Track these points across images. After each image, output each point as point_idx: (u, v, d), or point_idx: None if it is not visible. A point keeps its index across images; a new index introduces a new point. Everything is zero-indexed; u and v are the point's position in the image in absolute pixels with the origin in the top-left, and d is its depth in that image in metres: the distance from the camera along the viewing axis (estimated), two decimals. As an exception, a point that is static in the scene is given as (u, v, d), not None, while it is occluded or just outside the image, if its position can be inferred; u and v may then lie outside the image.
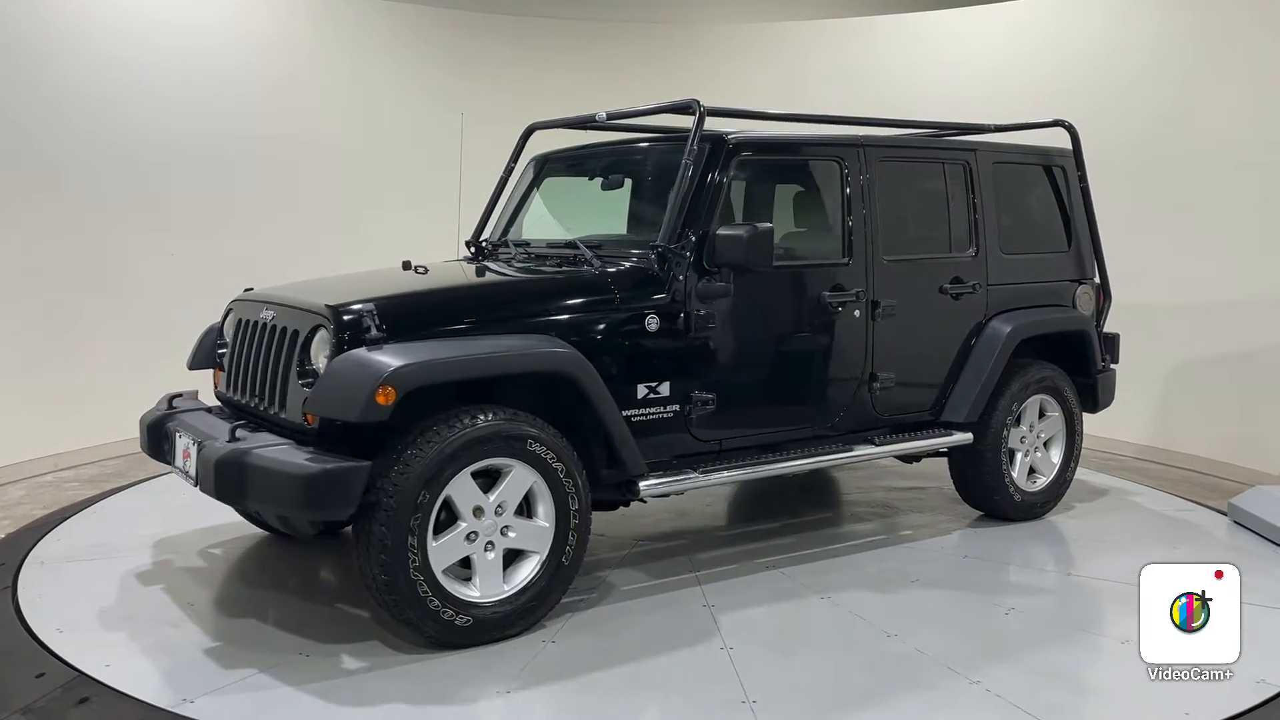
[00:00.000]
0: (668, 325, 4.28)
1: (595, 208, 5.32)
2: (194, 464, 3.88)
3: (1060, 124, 5.72)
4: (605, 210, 5.26)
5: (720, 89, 7.67)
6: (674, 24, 9.30)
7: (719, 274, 4.36)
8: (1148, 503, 6.03)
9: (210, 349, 4.62)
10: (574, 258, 4.56)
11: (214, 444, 3.77)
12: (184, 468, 4.06)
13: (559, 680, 3.56)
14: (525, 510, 3.93)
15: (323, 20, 8.19)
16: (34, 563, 4.64)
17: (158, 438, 4.30)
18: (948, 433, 5.21)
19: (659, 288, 4.29)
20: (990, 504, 5.47)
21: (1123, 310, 6.10)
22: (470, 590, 3.79)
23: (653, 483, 4.24)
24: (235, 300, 4.58)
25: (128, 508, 5.63)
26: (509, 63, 8.72)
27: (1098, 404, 5.84)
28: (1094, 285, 5.87)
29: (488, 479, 3.83)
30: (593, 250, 4.53)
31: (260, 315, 4.23)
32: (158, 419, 4.34)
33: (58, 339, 6.70)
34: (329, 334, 3.77)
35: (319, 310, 3.85)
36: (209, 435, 3.93)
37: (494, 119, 6.87)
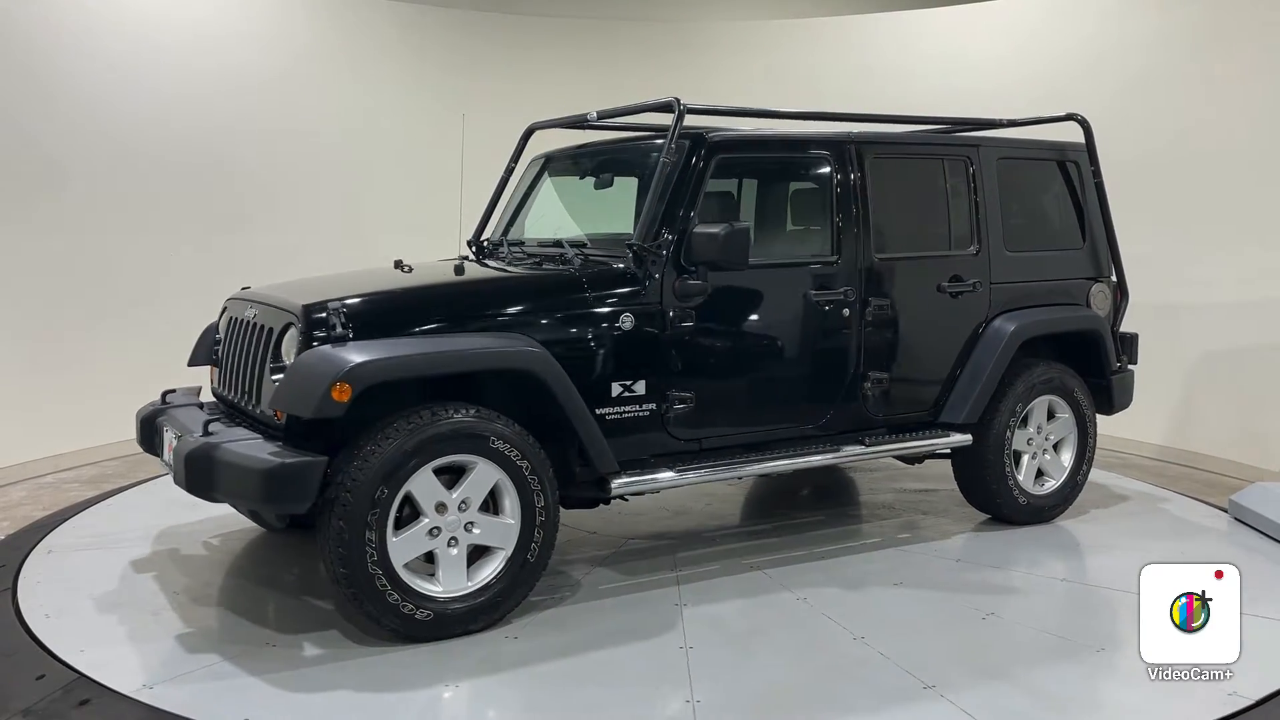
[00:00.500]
0: (643, 324, 4.28)
1: (595, 207, 5.33)
2: (172, 457, 4.00)
3: (1073, 118, 5.56)
4: (605, 209, 5.27)
5: (722, 87, 7.67)
6: (677, 22, 9.29)
7: (696, 272, 4.35)
8: (1149, 500, 5.95)
9: (209, 346, 4.75)
10: (559, 257, 4.60)
11: (188, 438, 3.89)
12: (168, 460, 4.19)
13: (509, 675, 3.59)
14: (493, 507, 3.97)
15: (323, 19, 8.22)
16: (35, 554, 4.78)
17: (150, 432, 4.45)
18: (946, 434, 5.12)
19: (634, 286, 4.30)
20: (994, 507, 5.35)
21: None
22: (432, 585, 3.84)
23: (624, 481, 4.25)
24: (230, 298, 4.70)
25: (129, 503, 5.73)
26: (509, 62, 8.73)
27: (1113, 406, 5.66)
28: (1110, 283, 5.70)
29: (456, 475, 3.88)
30: (579, 249, 4.57)
31: (246, 313, 4.35)
32: (150, 413, 4.48)
33: (58, 339, 6.72)
34: (297, 331, 3.86)
35: (291, 308, 3.95)
36: (190, 430, 4.05)
37: (494, 118, 6.91)
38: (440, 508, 3.83)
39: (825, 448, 4.82)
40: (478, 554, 3.97)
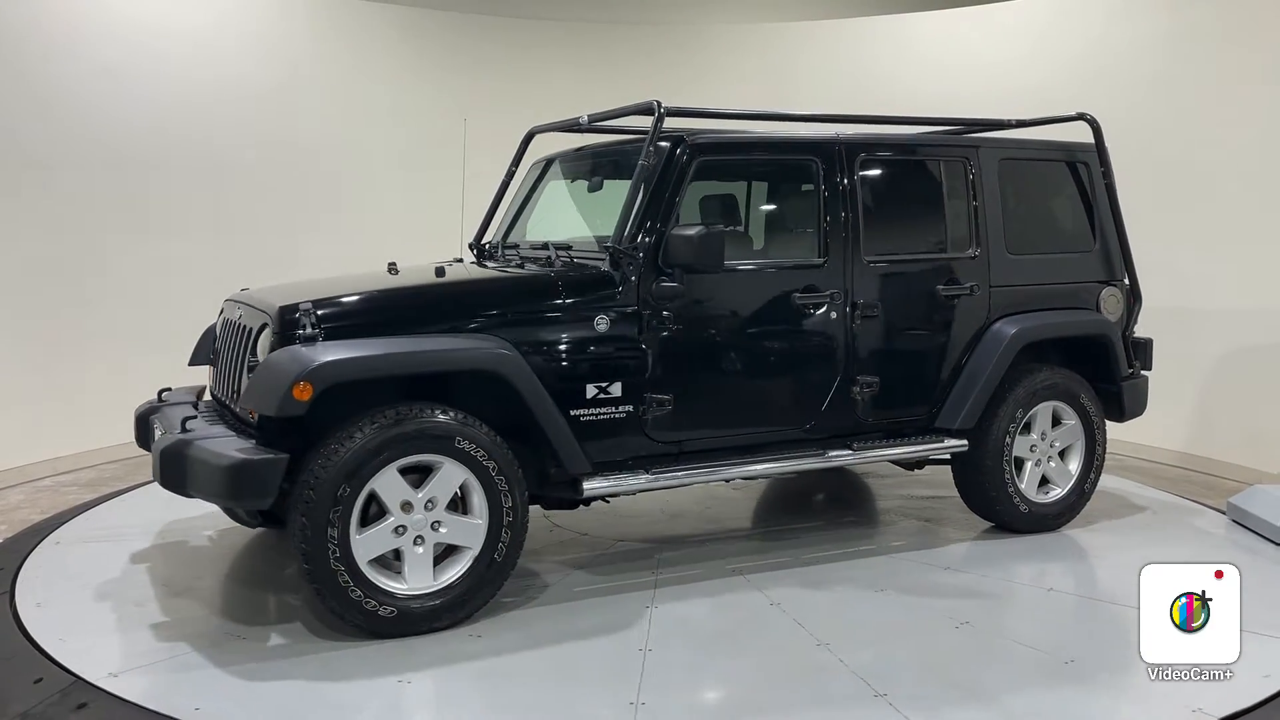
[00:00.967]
0: (619, 326, 4.29)
1: (592, 209, 5.36)
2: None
3: (1082, 117, 5.42)
4: (601, 212, 5.28)
5: (723, 90, 7.65)
6: (676, 25, 9.25)
7: (673, 275, 4.35)
8: (1147, 504, 5.89)
9: (208, 347, 4.88)
10: (545, 259, 4.64)
11: (167, 435, 4.00)
12: (155, 457, 4.31)
13: (461, 672, 3.63)
14: (463, 507, 4.02)
15: (322, 23, 8.20)
16: (33, 557, 4.82)
17: (144, 429, 4.58)
18: (941, 440, 5.03)
19: (610, 288, 4.31)
20: (994, 514, 5.24)
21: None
22: (397, 582, 3.89)
23: (597, 482, 4.26)
24: (227, 299, 4.82)
25: (127, 504, 5.77)
26: (509, 65, 8.72)
27: (1125, 413, 5.50)
28: (1123, 287, 5.55)
29: (425, 475, 3.93)
30: (564, 251, 4.60)
31: (235, 314, 4.46)
32: (144, 411, 4.62)
33: (57, 343, 6.72)
34: (270, 331, 3.95)
35: (268, 309, 4.04)
36: (173, 427, 4.16)
37: (496, 122, 6.93)
38: (406, 506, 3.88)
39: (811, 452, 4.78)
40: (449, 553, 4.02)
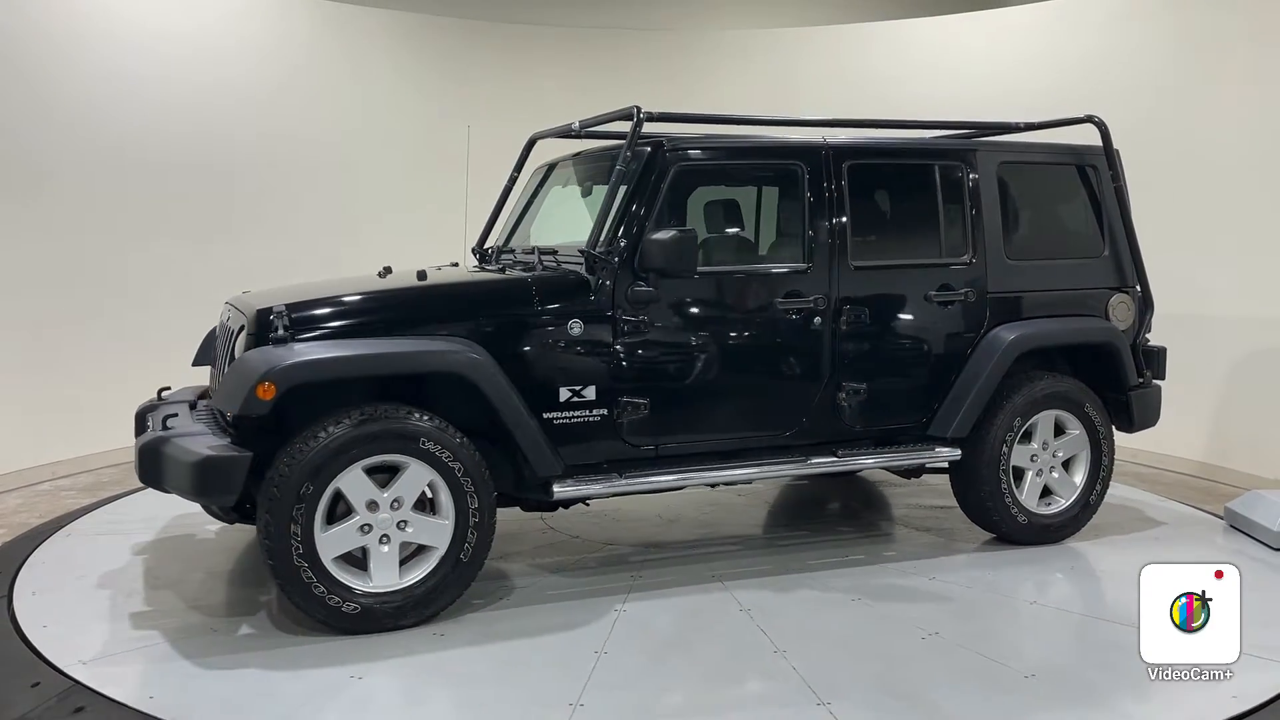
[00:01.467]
0: (593, 330, 4.32)
1: (588, 213, 5.39)
2: (139, 451, 4.26)
3: (1090, 120, 5.28)
4: (593, 217, 5.31)
5: (726, 95, 7.62)
6: (680, 30, 9.25)
7: (648, 279, 4.36)
8: (1145, 508, 5.82)
9: (209, 348, 5.04)
10: (531, 263, 4.70)
11: (149, 432, 4.14)
12: (146, 455, 4.45)
13: (415, 668, 3.69)
14: (431, 507, 4.08)
15: (322, 28, 8.26)
16: (32, 560, 4.90)
17: (141, 427, 4.73)
18: (932, 448, 4.95)
19: (585, 293, 4.34)
20: (992, 525, 5.13)
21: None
22: (361, 580, 3.97)
23: (567, 485, 4.30)
24: (226, 301, 4.97)
25: (127, 505, 5.86)
26: (512, 71, 8.76)
27: (1134, 423, 5.34)
28: (1134, 294, 5.39)
29: (393, 474, 4.01)
30: (550, 255, 4.65)
31: (227, 316, 4.60)
32: (142, 409, 4.78)
33: (56, 347, 6.73)
34: (246, 333, 4.06)
35: (247, 311, 4.16)
36: (160, 425, 4.31)
37: (499, 127, 6.99)
38: (372, 505, 3.96)
39: (795, 458, 4.74)
40: (419, 552, 4.09)
